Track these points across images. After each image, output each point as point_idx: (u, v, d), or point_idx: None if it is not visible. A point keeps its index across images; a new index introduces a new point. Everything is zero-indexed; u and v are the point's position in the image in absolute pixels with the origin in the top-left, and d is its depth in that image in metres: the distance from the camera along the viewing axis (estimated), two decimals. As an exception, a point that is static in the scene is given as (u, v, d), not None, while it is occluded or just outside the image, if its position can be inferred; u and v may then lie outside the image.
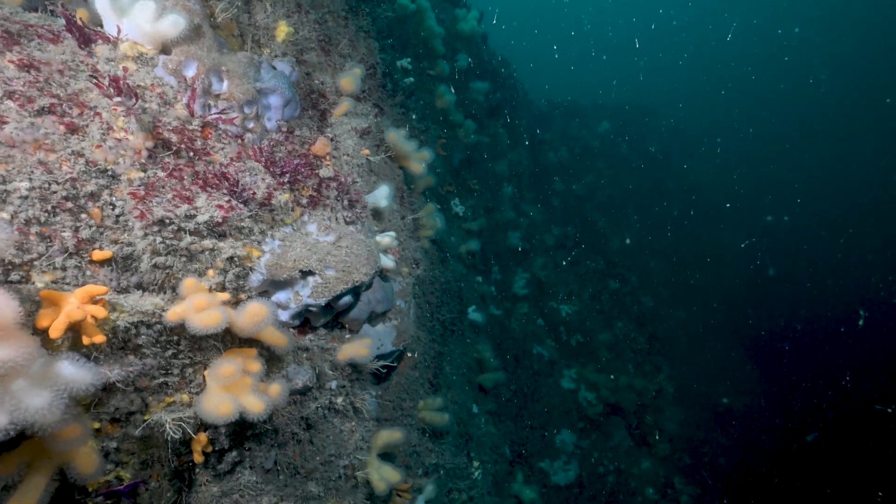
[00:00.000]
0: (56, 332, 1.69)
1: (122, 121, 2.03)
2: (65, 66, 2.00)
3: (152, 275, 2.05)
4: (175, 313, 2.01)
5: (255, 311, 2.16)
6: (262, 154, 2.48)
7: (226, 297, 2.19)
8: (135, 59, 2.20)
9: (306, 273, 2.48)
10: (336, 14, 3.52)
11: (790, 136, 30.49)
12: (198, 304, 2.03)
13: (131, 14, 2.17)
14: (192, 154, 2.22)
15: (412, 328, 3.73)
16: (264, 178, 2.44)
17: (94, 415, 1.95)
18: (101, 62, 2.11)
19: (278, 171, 2.51)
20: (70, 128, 1.92)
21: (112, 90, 1.93)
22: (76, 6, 2.30)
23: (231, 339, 2.33)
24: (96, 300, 1.82)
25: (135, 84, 2.16)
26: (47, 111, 1.89)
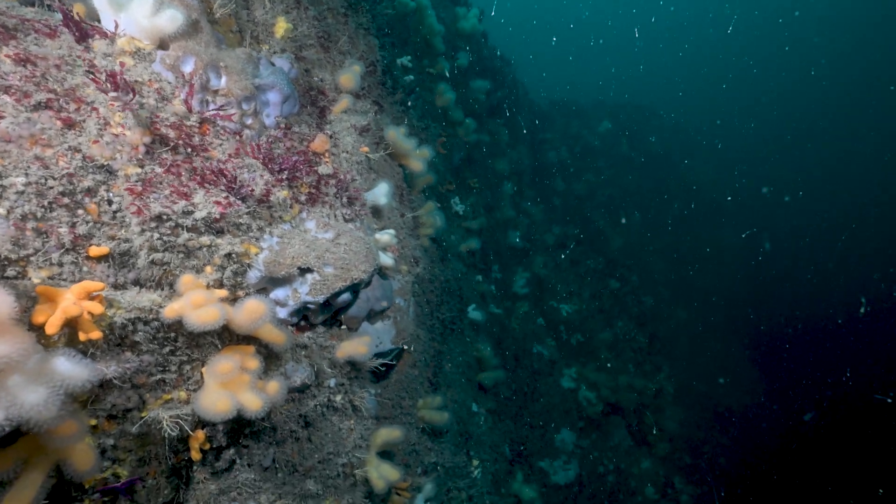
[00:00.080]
0: (52, 328, 1.68)
1: (120, 116, 2.02)
2: (62, 61, 1.99)
3: (149, 271, 2.04)
4: (172, 310, 2.00)
5: (252, 308, 2.15)
6: (261, 151, 2.47)
7: (223, 293, 2.18)
8: (132, 55, 2.19)
9: (305, 270, 2.47)
10: (335, 11, 3.51)
11: (791, 131, 30.33)
12: (195, 300, 2.02)
13: (129, 9, 2.16)
14: (189, 150, 2.21)
15: (411, 326, 3.72)
16: (262, 174, 2.43)
17: (91, 411, 1.94)
18: (98, 57, 2.09)
19: (277, 167, 2.50)
20: (67, 123, 1.90)
21: (109, 85, 1.91)
22: (73, 1, 2.29)
23: (229, 337, 2.32)
24: (93, 296, 1.81)
25: (132, 79, 2.15)
26: (44, 106, 1.88)
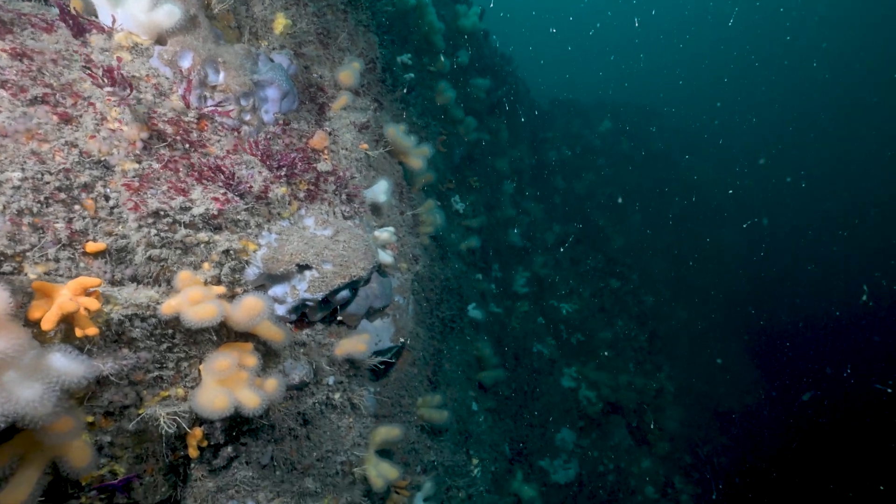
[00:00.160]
0: (48, 324, 1.67)
1: (117, 111, 2.00)
2: (58, 55, 1.98)
3: (147, 267, 2.03)
4: (170, 306, 1.99)
5: (250, 305, 2.14)
6: (259, 147, 2.46)
7: (221, 290, 2.17)
8: (130, 50, 2.18)
9: (303, 267, 2.45)
10: (335, 7, 3.49)
11: (793, 124, 30.05)
12: (193, 297, 2.01)
13: (126, 4, 2.15)
14: (187, 146, 2.20)
15: (411, 324, 3.71)
16: (261, 171, 2.42)
17: (88, 408, 1.93)
18: (95, 52, 2.08)
19: (275, 164, 2.49)
20: (63, 118, 1.89)
21: (105, 80, 1.90)
22: (71, -4, 2.27)
23: (227, 334, 2.31)
24: (89, 292, 1.80)
25: (129, 74, 2.14)
26: (40, 101, 1.87)
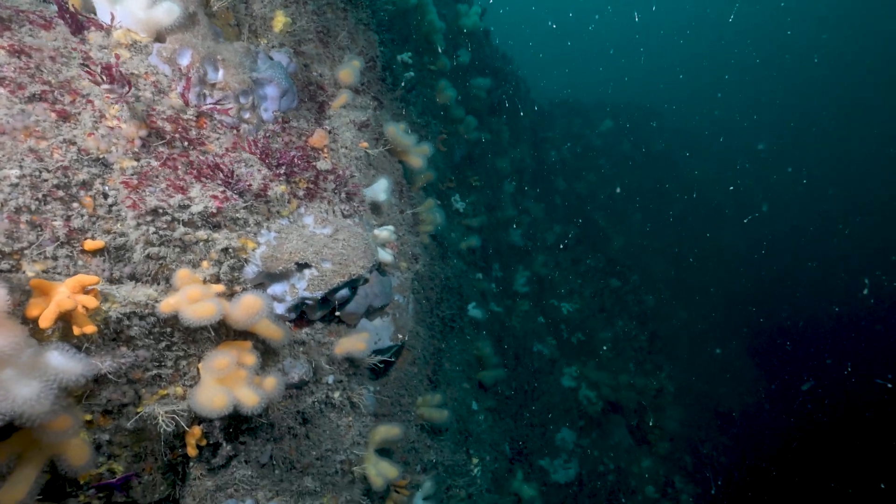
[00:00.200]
0: (46, 322, 1.66)
1: (115, 109, 2.00)
2: (57, 52, 1.97)
3: (145, 265, 2.03)
4: (168, 304, 1.98)
5: (249, 304, 2.13)
6: (258, 146, 2.45)
7: (220, 288, 2.16)
8: (128, 47, 2.17)
9: (302, 266, 2.45)
10: (335, 5, 3.48)
11: (794, 124, 29.91)
12: (191, 295, 2.00)
13: (125, 1, 2.14)
14: (186, 144, 2.19)
15: (411, 323, 3.70)
16: (260, 169, 2.41)
17: (86, 406, 1.92)
18: (93, 49, 2.07)
19: (274, 162, 2.48)
20: (62, 115, 1.89)
21: (104, 78, 1.89)
22: (70, -7, 2.27)
23: (226, 332, 2.30)
24: (88, 290, 1.80)
25: (128, 72, 2.13)
26: (38, 98, 1.86)
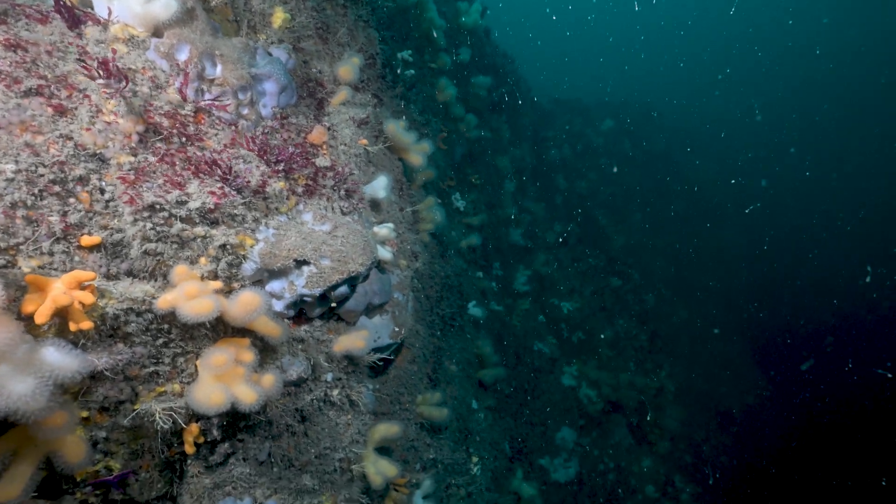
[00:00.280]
0: (41, 318, 1.65)
1: (112, 104, 1.98)
2: (53, 47, 1.96)
3: (142, 261, 2.01)
4: (166, 301, 1.97)
5: (247, 300, 2.12)
6: (256, 142, 2.43)
7: (218, 285, 2.15)
8: (126, 42, 2.16)
9: (301, 262, 2.43)
10: (334, 2, 3.46)
11: (796, 113, 29.55)
12: (189, 291, 1.99)
13: (122, -4, 2.13)
14: (184, 139, 2.18)
15: (410, 321, 3.69)
16: (258, 165, 2.40)
17: (83, 403, 1.91)
18: (90, 44, 2.06)
19: (273, 158, 2.46)
20: (58, 110, 1.87)
21: (100, 73, 1.88)
22: (67, -12, 2.25)
23: (224, 329, 2.29)
24: (84, 286, 1.78)
25: (125, 67, 2.12)
26: (34, 92, 1.85)
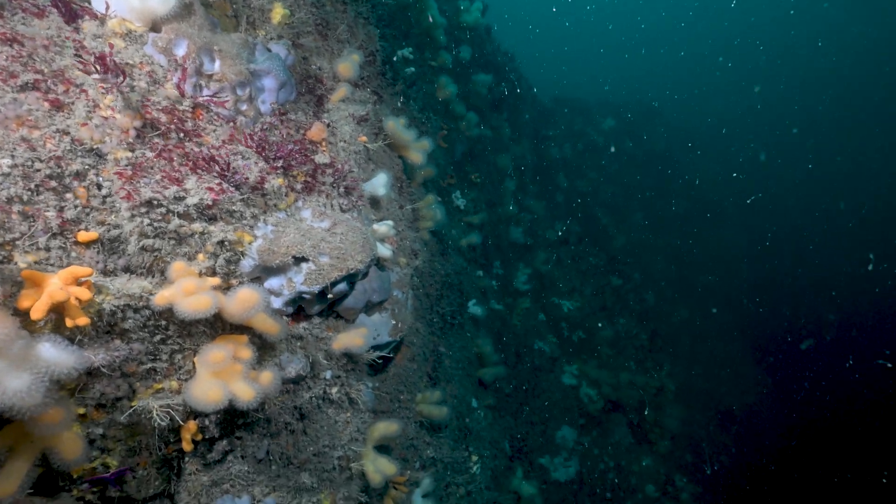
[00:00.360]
0: (38, 314, 1.64)
1: (109, 99, 1.97)
2: (50, 41, 1.94)
3: (140, 257, 2.00)
4: (163, 297, 1.95)
5: (245, 297, 2.11)
6: (255, 138, 2.42)
7: (216, 281, 2.13)
8: (123, 37, 2.14)
9: (300, 259, 2.42)
10: (334, -2, 3.45)
11: (798, 106, 29.37)
12: (187, 288, 1.98)
13: (120, -10, 2.11)
14: (182, 135, 2.16)
15: (410, 319, 3.68)
16: (257, 161, 2.38)
17: (79, 400, 1.90)
18: (87, 39, 2.05)
19: (272, 155, 2.45)
20: (55, 104, 1.86)
21: (97, 67, 1.87)
22: (65, -17, 2.24)
23: (222, 326, 2.28)
24: (81, 282, 1.77)
25: (123, 62, 2.11)
26: (31, 87, 1.84)
